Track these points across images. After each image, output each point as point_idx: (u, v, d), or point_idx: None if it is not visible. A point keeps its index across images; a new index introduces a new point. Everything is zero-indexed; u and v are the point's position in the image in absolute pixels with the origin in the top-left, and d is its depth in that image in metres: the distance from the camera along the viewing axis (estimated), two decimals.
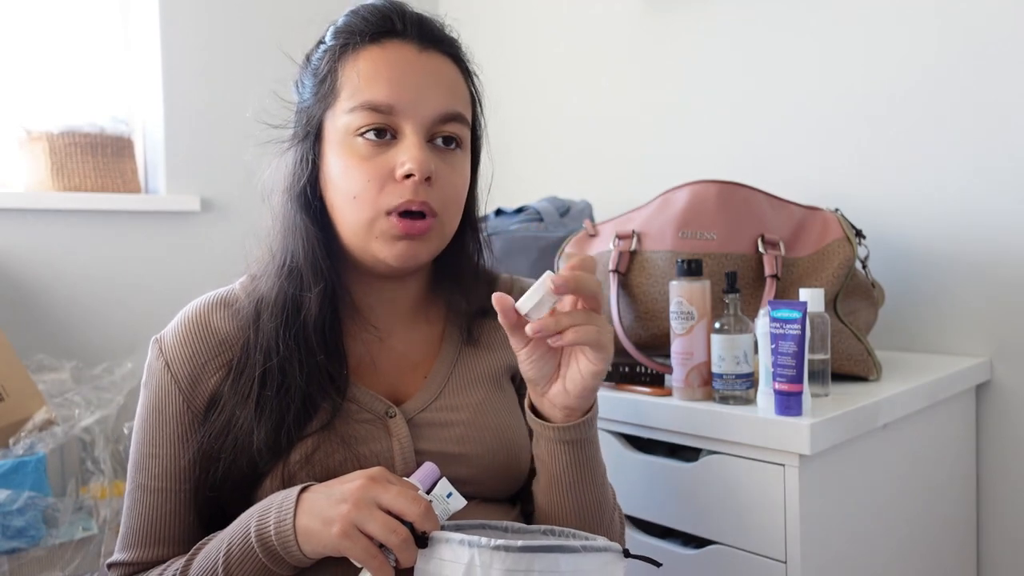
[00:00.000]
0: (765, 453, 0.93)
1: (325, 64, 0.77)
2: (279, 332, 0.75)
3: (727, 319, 0.98)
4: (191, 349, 0.77)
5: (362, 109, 0.73)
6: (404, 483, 0.67)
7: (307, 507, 0.65)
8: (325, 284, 0.76)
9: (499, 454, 0.80)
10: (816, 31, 1.49)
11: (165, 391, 0.77)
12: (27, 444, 1.30)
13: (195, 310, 0.80)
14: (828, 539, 0.95)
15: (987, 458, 1.31)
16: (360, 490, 0.64)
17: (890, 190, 1.40)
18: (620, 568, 0.66)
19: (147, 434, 0.77)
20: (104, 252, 1.78)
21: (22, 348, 1.60)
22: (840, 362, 1.10)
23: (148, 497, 0.76)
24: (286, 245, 0.77)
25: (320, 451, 0.73)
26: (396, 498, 0.64)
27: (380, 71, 0.74)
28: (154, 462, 0.76)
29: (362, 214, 0.74)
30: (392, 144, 0.74)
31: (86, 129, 1.74)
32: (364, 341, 0.81)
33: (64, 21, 1.84)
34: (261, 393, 0.73)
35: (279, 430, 0.72)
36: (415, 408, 0.79)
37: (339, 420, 0.74)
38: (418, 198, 0.73)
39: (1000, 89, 1.27)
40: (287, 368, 0.74)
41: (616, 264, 1.16)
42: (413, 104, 0.74)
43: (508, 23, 2.11)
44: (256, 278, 0.80)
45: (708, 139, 1.67)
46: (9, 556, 1.22)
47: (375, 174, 0.73)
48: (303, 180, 0.77)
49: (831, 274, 1.10)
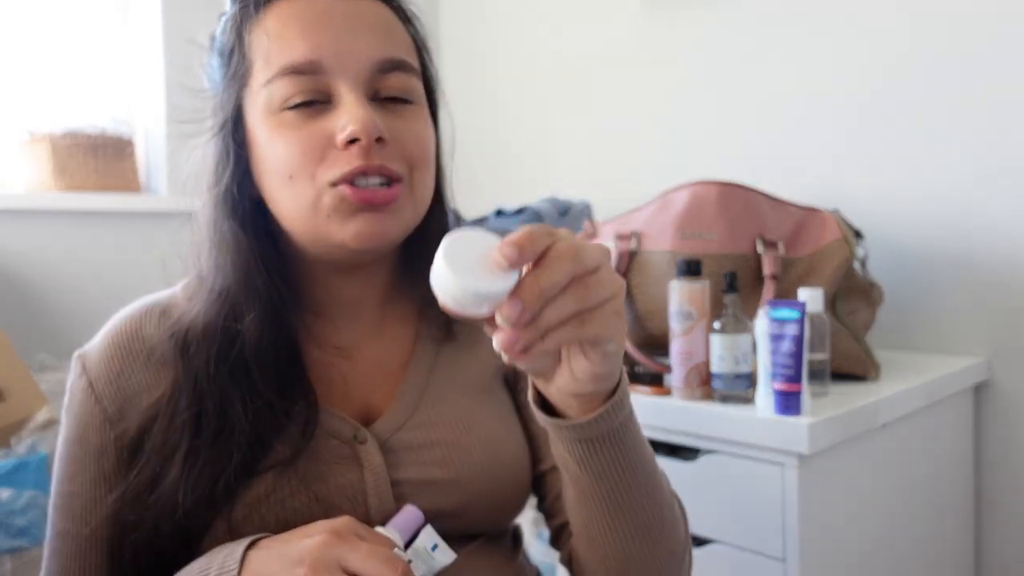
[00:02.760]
0: (764, 452, 0.93)
1: (229, 36, 0.63)
2: (211, 368, 0.60)
3: (726, 319, 0.98)
4: (119, 367, 0.64)
5: (280, 76, 0.59)
6: (377, 537, 0.54)
7: (254, 569, 0.52)
8: (264, 307, 0.62)
9: (491, 474, 0.66)
10: (816, 31, 1.49)
11: (88, 417, 0.63)
12: (29, 444, 1.31)
13: (125, 320, 0.66)
14: (827, 538, 0.95)
15: (985, 457, 1.31)
16: (321, 548, 0.50)
17: (890, 190, 1.40)
18: None
19: (67, 469, 0.63)
20: (105, 252, 1.79)
21: (23, 348, 1.60)
22: (839, 362, 1.11)
23: (68, 546, 0.62)
24: (214, 262, 0.63)
25: (275, 495, 0.59)
26: (366, 560, 0.50)
27: (292, 26, 0.60)
28: (75, 502, 0.62)
29: (303, 195, 0.59)
30: (327, 109, 0.60)
31: (87, 130, 1.75)
32: (325, 354, 0.67)
33: (65, 22, 1.85)
34: (193, 444, 0.59)
35: (215, 485, 0.58)
36: (389, 428, 0.65)
37: (301, 457, 0.60)
38: (373, 164, 0.58)
39: (1000, 90, 1.27)
40: (225, 410, 0.60)
41: (616, 264, 1.16)
42: (341, 56, 0.59)
43: (508, 23, 2.12)
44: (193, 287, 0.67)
45: (708, 139, 1.67)
46: (11, 555, 1.22)
47: (310, 144, 0.59)
48: (226, 178, 0.62)
49: (830, 274, 1.10)
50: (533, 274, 0.45)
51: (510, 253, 0.44)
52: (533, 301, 0.44)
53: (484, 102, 2.19)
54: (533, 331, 0.46)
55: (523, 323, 0.45)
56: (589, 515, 0.61)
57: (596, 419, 0.54)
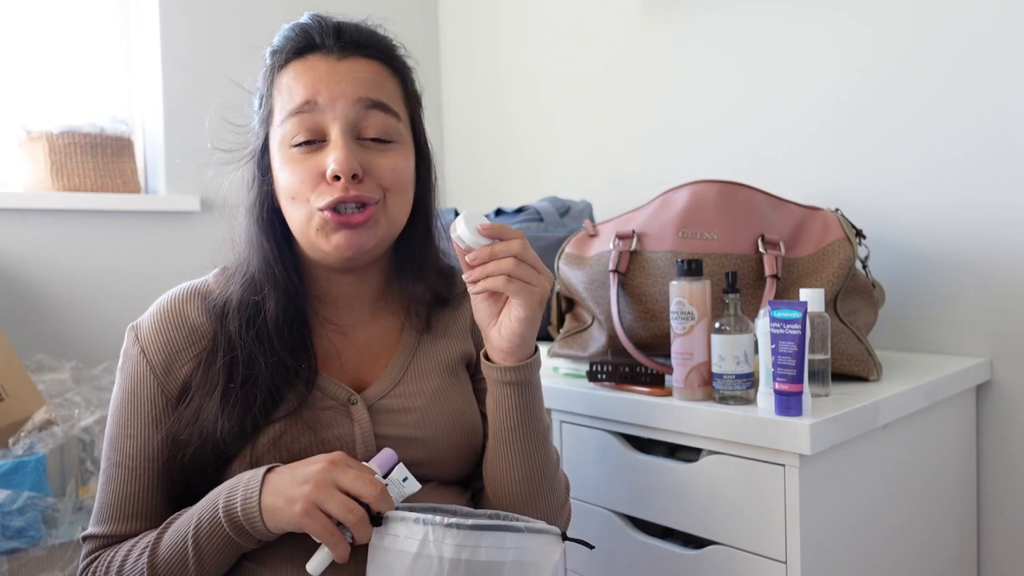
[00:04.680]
0: (765, 453, 0.93)
1: (262, 84, 0.84)
2: (242, 331, 0.81)
3: (727, 319, 0.98)
4: (165, 337, 0.82)
5: (289, 118, 0.79)
6: (362, 467, 0.73)
7: (272, 487, 0.71)
8: (281, 291, 0.82)
9: (453, 437, 0.86)
10: (816, 31, 1.49)
11: (140, 376, 0.82)
12: (27, 444, 1.30)
13: (170, 300, 0.85)
14: (828, 539, 0.95)
15: (987, 458, 1.31)
16: (321, 472, 0.70)
17: (890, 190, 1.39)
18: (558, 548, 0.74)
19: (122, 416, 0.81)
20: (104, 252, 1.78)
21: (22, 348, 1.60)
22: (840, 362, 1.10)
23: (122, 474, 0.80)
24: (245, 256, 0.85)
25: (286, 436, 0.78)
26: (354, 481, 0.70)
27: (300, 79, 0.80)
28: (129, 442, 0.80)
29: (300, 213, 0.80)
30: (322, 147, 0.79)
31: (86, 129, 1.74)
32: (328, 334, 0.87)
33: (64, 21, 1.84)
34: (227, 385, 0.78)
35: (244, 418, 0.77)
36: (375, 395, 0.85)
37: (305, 408, 0.80)
38: (349, 195, 0.77)
39: (1001, 89, 1.27)
40: (252, 363, 0.79)
41: (616, 264, 1.16)
42: (332, 99, 0.78)
43: (509, 23, 2.11)
44: (228, 273, 0.86)
45: (708, 139, 1.66)
46: (9, 556, 1.22)
47: (307, 175, 0.78)
48: (253, 193, 0.84)
49: (831, 274, 1.09)
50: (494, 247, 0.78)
51: (483, 227, 0.78)
52: (485, 256, 0.78)
53: (485, 102, 2.19)
54: (481, 272, 0.78)
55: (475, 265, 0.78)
56: (498, 455, 0.84)
57: (515, 368, 0.82)
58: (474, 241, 0.78)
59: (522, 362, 0.82)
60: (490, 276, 0.77)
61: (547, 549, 0.73)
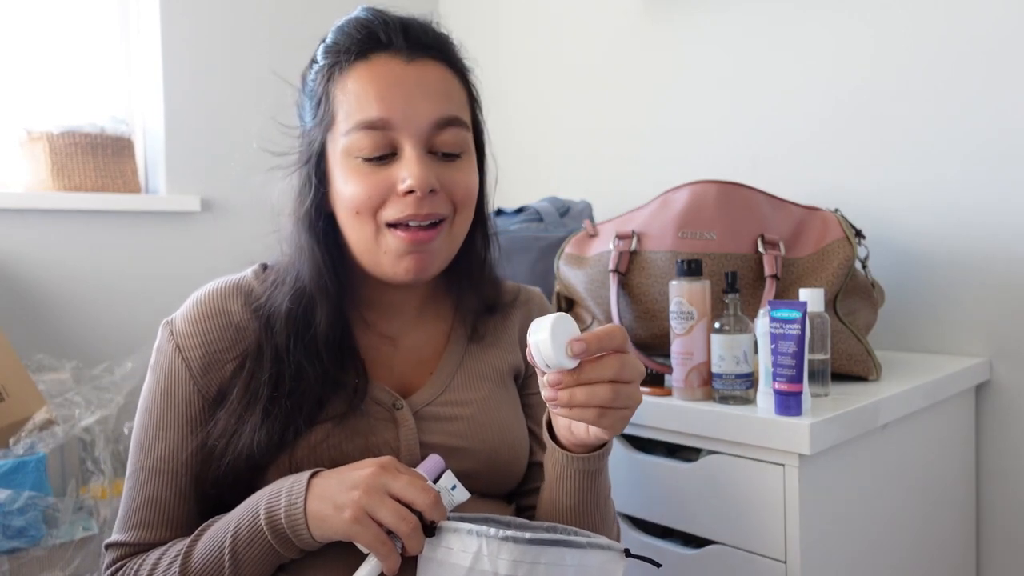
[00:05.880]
0: (765, 453, 0.93)
1: (319, 86, 0.77)
2: (291, 344, 0.76)
3: (727, 319, 0.98)
4: (203, 333, 0.77)
5: (358, 130, 0.73)
6: (413, 472, 0.68)
7: (318, 492, 0.66)
8: (332, 302, 0.77)
9: (500, 450, 0.82)
10: (817, 31, 1.49)
11: (175, 374, 0.77)
12: (27, 444, 1.30)
13: (209, 294, 0.80)
14: (828, 539, 0.95)
15: (987, 458, 1.31)
16: (371, 477, 0.65)
17: (890, 190, 1.40)
18: (620, 566, 0.67)
19: (154, 416, 0.77)
20: (104, 252, 1.78)
21: (22, 348, 1.60)
22: (840, 362, 1.10)
23: (152, 479, 0.75)
24: (295, 265, 0.79)
25: (329, 440, 0.74)
26: (407, 487, 0.65)
27: (369, 89, 0.74)
28: (161, 444, 0.75)
29: (365, 229, 0.75)
30: (393, 161, 0.74)
31: (86, 129, 1.74)
32: (374, 340, 0.83)
33: (64, 21, 1.84)
34: (271, 396, 0.74)
35: (286, 429, 0.73)
36: (422, 401, 0.81)
37: (349, 413, 0.76)
38: (422, 211, 0.73)
39: (1001, 89, 1.27)
40: (300, 375, 0.75)
41: (616, 264, 1.16)
42: (406, 117, 0.73)
43: (508, 24, 2.11)
44: (272, 277, 0.81)
45: (708, 139, 1.67)
46: (9, 556, 1.22)
47: (376, 190, 0.74)
48: (307, 203, 0.78)
49: (831, 274, 1.10)
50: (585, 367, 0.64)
51: (577, 349, 0.63)
52: (570, 383, 0.64)
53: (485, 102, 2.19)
54: (566, 400, 0.64)
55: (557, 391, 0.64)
56: (552, 511, 0.78)
57: (585, 458, 0.74)
58: (558, 362, 0.63)
59: (598, 451, 0.75)
60: (578, 407, 0.64)
61: (609, 567, 0.66)
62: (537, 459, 0.87)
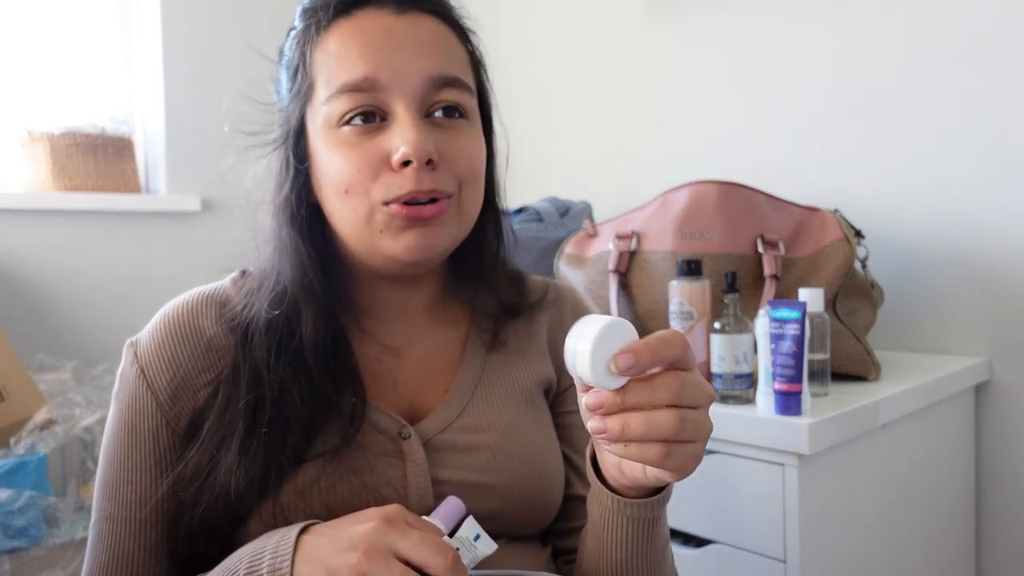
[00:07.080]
0: (765, 453, 0.93)
1: (295, 53, 0.66)
2: (271, 360, 0.63)
3: (727, 319, 0.98)
4: (171, 354, 0.65)
5: (340, 94, 0.62)
6: (426, 525, 0.56)
7: (308, 553, 0.53)
8: (320, 305, 0.65)
9: (530, 483, 0.68)
10: (817, 31, 1.49)
11: (140, 404, 0.65)
12: (28, 444, 1.30)
13: (177, 310, 0.68)
14: (827, 538, 0.95)
15: (986, 458, 1.31)
16: (373, 534, 0.52)
17: (890, 190, 1.40)
18: None
19: (118, 453, 0.65)
20: (105, 252, 1.78)
21: (23, 348, 1.60)
22: (840, 362, 1.10)
23: (118, 529, 0.64)
24: (274, 264, 0.67)
25: (321, 482, 0.61)
26: (417, 546, 0.52)
27: (352, 45, 0.62)
28: (126, 488, 0.64)
29: (357, 209, 0.62)
30: (383, 127, 0.62)
31: (87, 129, 1.74)
32: (375, 353, 0.70)
33: (64, 22, 1.84)
34: (249, 429, 0.62)
35: (269, 469, 0.60)
36: (434, 428, 0.67)
37: (344, 446, 0.63)
38: (423, 187, 0.61)
39: (1000, 89, 1.27)
40: (283, 398, 0.63)
41: (616, 264, 1.16)
42: (397, 74, 0.62)
43: (508, 24, 2.11)
44: (250, 281, 0.69)
45: (708, 139, 1.67)
46: (10, 555, 1.22)
47: (366, 162, 0.61)
48: (286, 188, 0.66)
49: (831, 274, 1.10)
50: (633, 386, 0.49)
51: (622, 363, 0.48)
52: (613, 408, 0.49)
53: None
54: (618, 432, 0.49)
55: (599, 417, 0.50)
56: (598, 564, 0.64)
57: (640, 504, 0.60)
58: (597, 380, 0.48)
59: (656, 496, 0.60)
60: (635, 442, 0.49)
61: None
62: (576, 492, 0.73)
